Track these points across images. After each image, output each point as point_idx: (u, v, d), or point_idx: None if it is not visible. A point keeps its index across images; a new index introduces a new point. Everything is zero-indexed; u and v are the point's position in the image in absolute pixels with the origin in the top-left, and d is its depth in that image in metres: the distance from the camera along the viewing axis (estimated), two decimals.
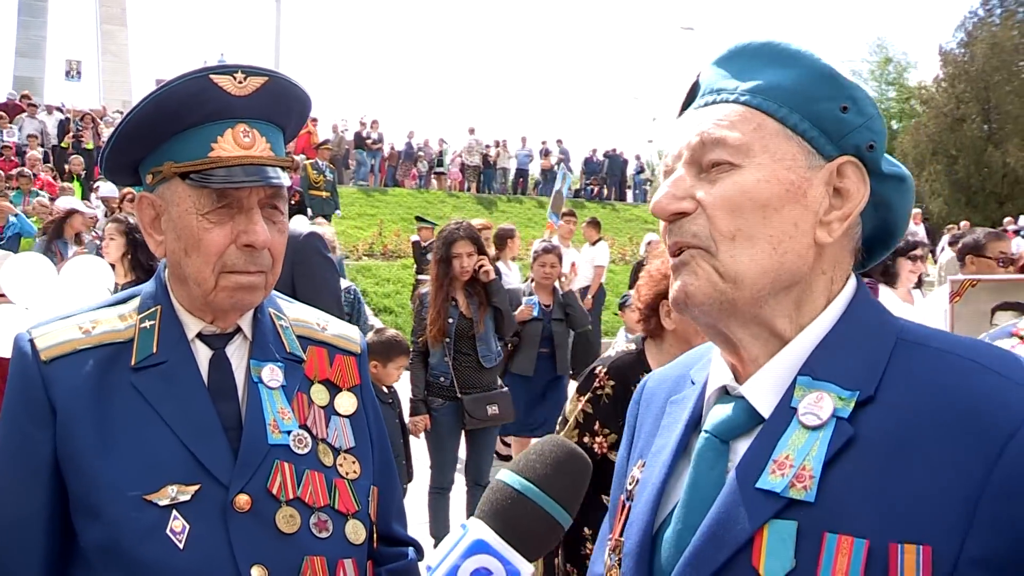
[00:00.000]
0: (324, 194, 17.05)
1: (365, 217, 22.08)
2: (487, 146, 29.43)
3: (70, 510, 1.43)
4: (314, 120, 25.00)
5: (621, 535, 1.21)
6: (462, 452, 5.94)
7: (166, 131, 1.47)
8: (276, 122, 1.54)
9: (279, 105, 1.52)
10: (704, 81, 1.19)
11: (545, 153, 30.27)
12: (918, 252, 5.89)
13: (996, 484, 0.90)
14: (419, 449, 5.71)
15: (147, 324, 1.53)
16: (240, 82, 1.46)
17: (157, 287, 1.58)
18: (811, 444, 1.01)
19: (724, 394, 1.16)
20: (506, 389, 6.03)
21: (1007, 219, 24.93)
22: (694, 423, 1.20)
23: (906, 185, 1.15)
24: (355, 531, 1.53)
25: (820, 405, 1.03)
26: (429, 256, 6.15)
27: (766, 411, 1.08)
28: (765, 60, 1.12)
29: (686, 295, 1.12)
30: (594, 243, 13.92)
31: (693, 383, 1.26)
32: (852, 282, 1.15)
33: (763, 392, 1.10)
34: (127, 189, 11.09)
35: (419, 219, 14.73)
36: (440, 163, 29.32)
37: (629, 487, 1.26)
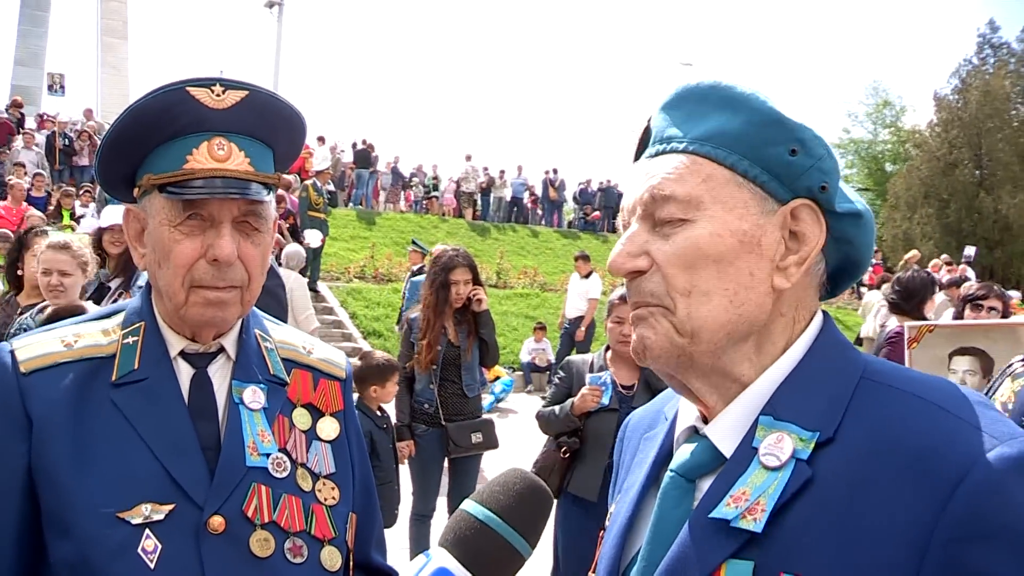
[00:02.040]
0: (322, 215, 17.05)
1: (358, 239, 22.11)
2: (484, 171, 29.58)
3: (42, 525, 1.40)
4: (307, 148, 25.02)
5: (595, 570, 1.22)
6: (444, 479, 5.89)
7: (146, 143, 1.46)
8: (260, 138, 1.51)
9: (262, 120, 1.51)
10: (654, 127, 1.18)
11: (551, 183, 30.46)
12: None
13: (945, 528, 0.90)
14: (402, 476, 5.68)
15: (130, 340, 1.51)
16: (218, 95, 1.45)
17: (143, 303, 1.57)
18: (769, 483, 1.02)
19: (694, 433, 1.17)
20: (490, 418, 5.97)
21: (944, 256, 24.80)
22: (663, 459, 1.20)
23: (864, 220, 1.14)
24: (331, 558, 1.51)
25: (780, 446, 1.03)
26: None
27: (728, 451, 1.09)
28: (712, 104, 1.11)
29: (644, 347, 1.12)
30: (586, 276, 14.13)
31: (666, 419, 1.26)
32: (818, 319, 1.15)
33: (725, 433, 1.10)
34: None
35: (415, 243, 14.77)
36: (435, 188, 29.43)
37: (608, 523, 1.26)
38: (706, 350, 1.08)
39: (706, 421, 1.15)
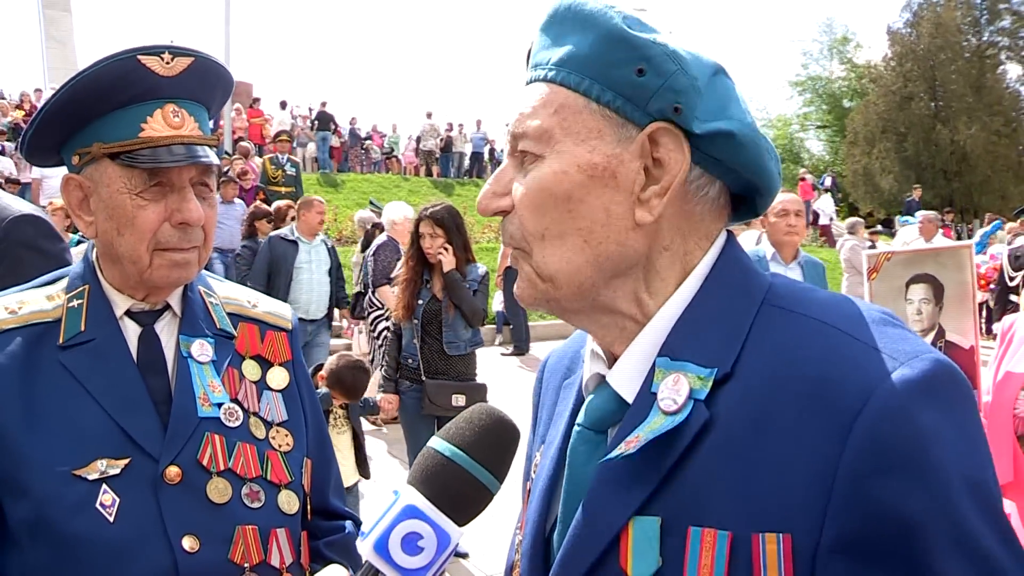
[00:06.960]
0: (283, 189, 15.08)
1: None
2: (446, 129, 29.29)
3: None
4: (263, 114, 24.51)
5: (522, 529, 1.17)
6: None
7: (93, 112, 1.47)
8: (201, 101, 1.56)
9: (204, 84, 1.55)
10: (532, 51, 1.09)
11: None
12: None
13: (848, 462, 0.83)
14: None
15: (75, 303, 1.53)
16: (168, 63, 1.47)
17: (85, 267, 1.58)
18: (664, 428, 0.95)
19: (601, 380, 1.09)
20: (483, 382, 5.81)
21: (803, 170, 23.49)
22: (579, 409, 1.13)
23: (737, 139, 0.99)
24: (288, 501, 1.56)
25: (677, 388, 0.95)
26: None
27: (630, 397, 1.02)
28: (570, 25, 1.01)
29: (518, 296, 1.08)
30: None
31: (583, 362, 1.18)
32: (717, 244, 1.05)
33: (626, 378, 1.03)
34: None
35: (372, 203, 14.68)
36: (393, 149, 29.11)
37: (532, 474, 1.22)
38: (569, 294, 1.02)
39: (610, 367, 1.08)
